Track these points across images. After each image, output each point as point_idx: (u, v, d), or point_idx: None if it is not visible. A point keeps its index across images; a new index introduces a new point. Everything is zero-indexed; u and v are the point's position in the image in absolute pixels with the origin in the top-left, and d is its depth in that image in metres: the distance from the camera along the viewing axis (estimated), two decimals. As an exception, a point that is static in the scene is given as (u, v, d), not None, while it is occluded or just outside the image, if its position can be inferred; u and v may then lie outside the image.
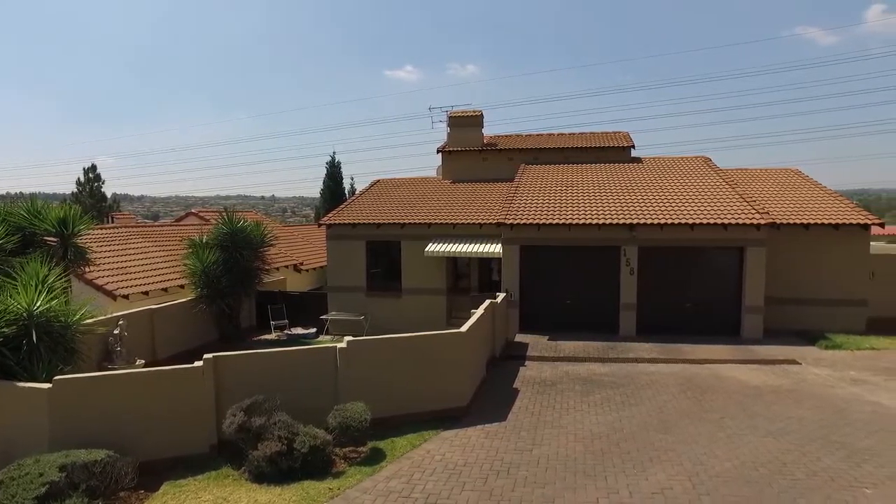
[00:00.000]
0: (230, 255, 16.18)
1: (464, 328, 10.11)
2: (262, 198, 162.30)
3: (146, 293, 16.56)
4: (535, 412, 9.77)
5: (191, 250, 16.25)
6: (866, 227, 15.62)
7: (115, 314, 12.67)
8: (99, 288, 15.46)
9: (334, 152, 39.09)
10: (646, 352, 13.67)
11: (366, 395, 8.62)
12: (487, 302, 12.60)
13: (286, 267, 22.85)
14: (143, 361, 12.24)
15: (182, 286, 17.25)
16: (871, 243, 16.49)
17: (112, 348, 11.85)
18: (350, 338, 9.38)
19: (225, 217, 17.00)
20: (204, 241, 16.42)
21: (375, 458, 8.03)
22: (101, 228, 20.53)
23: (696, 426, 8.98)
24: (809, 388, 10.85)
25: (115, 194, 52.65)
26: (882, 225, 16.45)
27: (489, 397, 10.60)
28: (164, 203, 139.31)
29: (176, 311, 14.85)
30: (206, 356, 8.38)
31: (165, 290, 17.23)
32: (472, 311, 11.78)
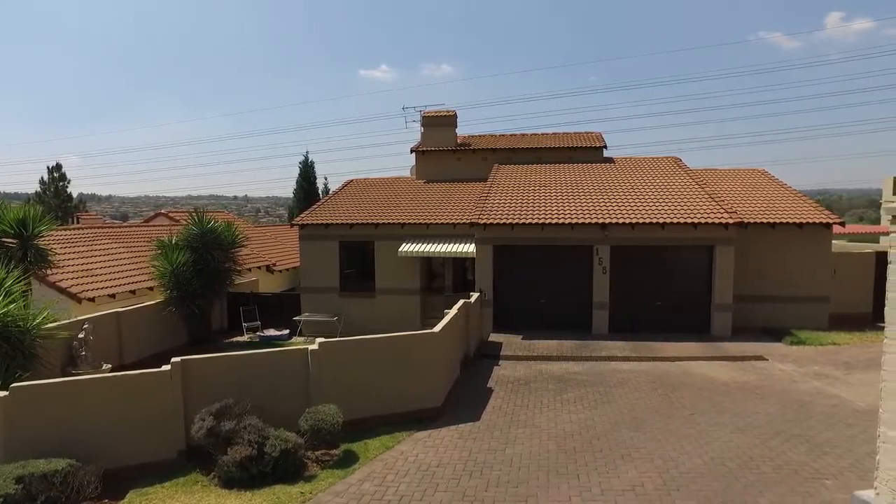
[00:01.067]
0: (200, 256, 15.88)
1: (437, 328, 10.09)
2: (235, 198, 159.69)
3: (113, 296, 16.12)
4: (509, 411, 9.81)
5: (160, 251, 15.89)
6: (828, 226, 16.07)
7: (79, 317, 12.31)
8: (62, 290, 14.99)
9: (307, 152, 38.86)
10: (618, 350, 13.85)
11: (338, 396, 8.55)
12: (461, 302, 12.61)
13: (258, 268, 22.52)
14: (110, 366, 11.93)
15: (151, 288, 16.86)
16: (833, 242, 16.98)
17: (77, 353, 11.50)
18: (322, 339, 9.28)
19: (195, 217, 16.68)
20: (173, 241, 16.08)
21: (348, 460, 7.96)
22: (65, 229, 19.94)
23: (667, 423, 9.12)
24: (775, 384, 11.13)
25: (81, 194, 51.35)
26: (843, 224, 16.96)
27: (463, 397, 10.60)
28: (133, 203, 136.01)
29: (144, 313, 14.52)
30: (174, 359, 8.21)
31: (133, 292, 16.81)
32: (446, 310, 11.77)
